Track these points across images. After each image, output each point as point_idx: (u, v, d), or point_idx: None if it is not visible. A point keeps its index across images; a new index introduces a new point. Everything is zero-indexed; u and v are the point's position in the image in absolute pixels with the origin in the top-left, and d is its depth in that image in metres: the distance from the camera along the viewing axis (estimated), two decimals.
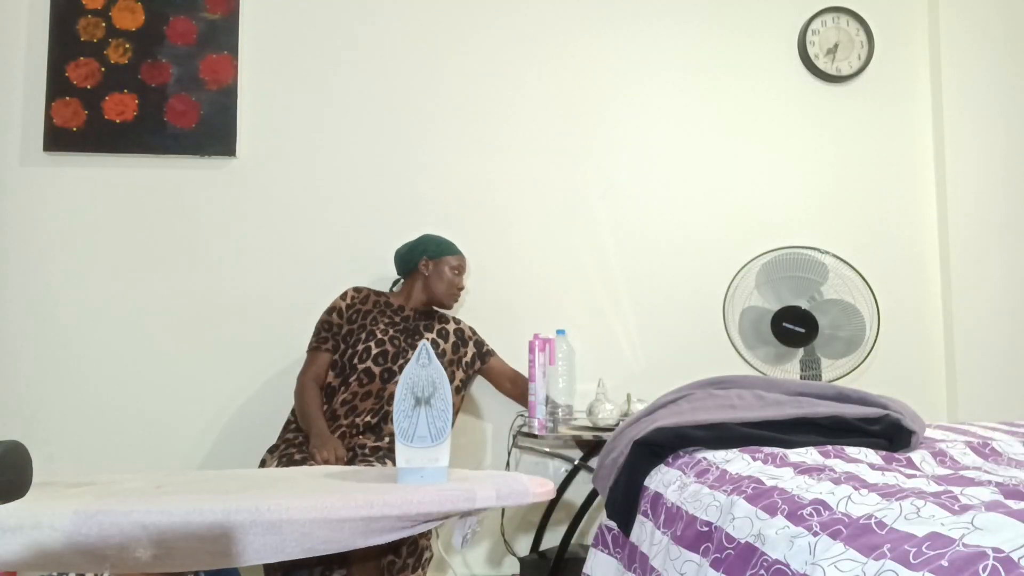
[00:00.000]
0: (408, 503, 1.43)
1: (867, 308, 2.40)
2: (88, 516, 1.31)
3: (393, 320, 2.35)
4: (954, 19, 2.92)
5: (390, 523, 1.44)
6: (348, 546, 1.44)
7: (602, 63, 2.79)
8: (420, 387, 1.56)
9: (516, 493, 1.55)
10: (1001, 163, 2.89)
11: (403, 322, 2.36)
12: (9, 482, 0.71)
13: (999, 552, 0.71)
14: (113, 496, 1.44)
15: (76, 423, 2.45)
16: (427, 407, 1.57)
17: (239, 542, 1.35)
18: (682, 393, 1.74)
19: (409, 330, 2.35)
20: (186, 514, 1.33)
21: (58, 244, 2.51)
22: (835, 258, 2.42)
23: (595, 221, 2.75)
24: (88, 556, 1.32)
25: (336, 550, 1.45)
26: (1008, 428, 1.70)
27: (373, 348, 2.25)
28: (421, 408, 1.56)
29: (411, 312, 2.40)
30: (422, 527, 1.52)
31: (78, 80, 2.51)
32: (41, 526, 1.29)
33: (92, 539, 1.30)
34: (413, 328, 2.37)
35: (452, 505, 1.48)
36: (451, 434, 1.51)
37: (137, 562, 1.35)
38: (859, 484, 1.05)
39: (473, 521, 1.56)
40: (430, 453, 1.55)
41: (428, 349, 1.55)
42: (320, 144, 2.64)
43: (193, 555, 1.36)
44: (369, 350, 2.24)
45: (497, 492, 1.53)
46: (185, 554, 1.36)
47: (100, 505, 1.35)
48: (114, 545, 1.31)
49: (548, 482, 1.63)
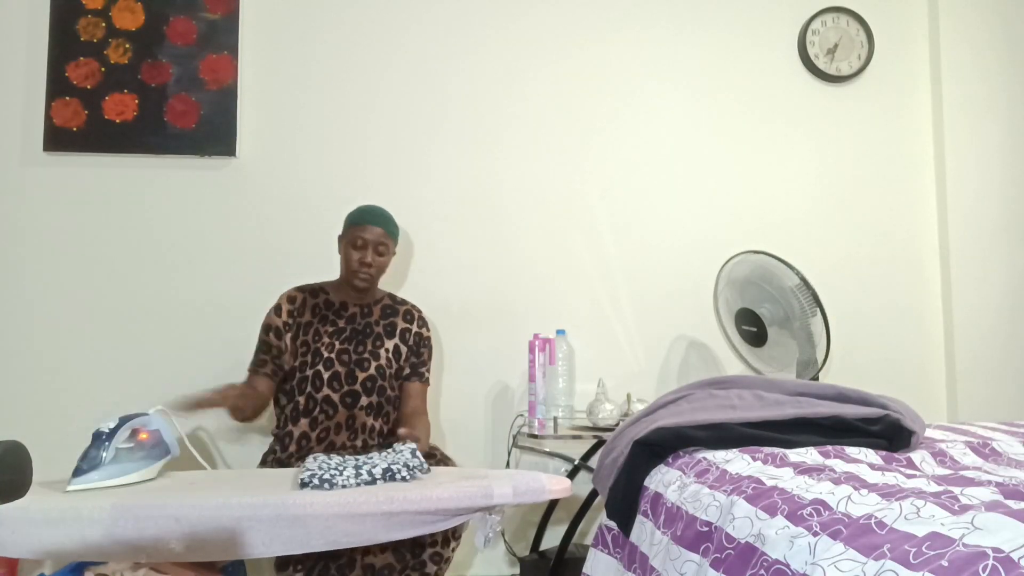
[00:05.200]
0: (427, 499, 1.48)
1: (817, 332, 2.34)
2: (125, 510, 1.40)
3: (337, 325, 2.09)
4: (954, 19, 2.92)
5: (409, 518, 1.49)
6: (370, 539, 1.48)
7: (602, 64, 2.79)
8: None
9: (533, 490, 1.58)
10: (1001, 163, 2.89)
11: (348, 324, 2.11)
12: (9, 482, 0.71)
13: (999, 552, 0.71)
14: (149, 491, 1.53)
15: (76, 423, 2.44)
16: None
17: (266, 535, 1.43)
18: (682, 393, 1.74)
19: (358, 331, 2.10)
20: (216, 508, 1.42)
21: (58, 244, 2.51)
22: (798, 281, 2.34)
23: (595, 221, 2.75)
24: (125, 547, 1.40)
25: (359, 543, 1.50)
26: (1008, 428, 1.71)
27: (323, 371, 2.04)
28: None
29: (355, 308, 2.14)
30: (442, 524, 1.54)
31: (78, 80, 2.51)
32: (82, 519, 1.39)
33: (129, 531, 1.39)
34: (363, 328, 2.11)
35: (470, 501, 1.52)
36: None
37: (171, 553, 1.44)
38: (859, 484, 1.05)
39: (495, 521, 1.58)
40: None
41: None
42: (320, 144, 2.63)
43: (223, 547, 1.43)
44: (320, 376, 2.03)
45: (514, 489, 1.56)
46: (216, 546, 1.43)
47: (136, 499, 1.44)
48: (149, 537, 1.39)
49: (565, 480, 1.64)
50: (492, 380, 2.64)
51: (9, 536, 1.37)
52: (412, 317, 2.21)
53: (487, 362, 2.63)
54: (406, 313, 2.21)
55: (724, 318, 2.55)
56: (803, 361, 2.36)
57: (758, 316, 2.39)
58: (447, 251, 2.65)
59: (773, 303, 2.37)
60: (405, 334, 2.17)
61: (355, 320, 2.13)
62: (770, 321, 2.38)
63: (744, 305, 2.43)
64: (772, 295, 2.36)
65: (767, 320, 2.38)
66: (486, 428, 2.63)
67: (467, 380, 2.61)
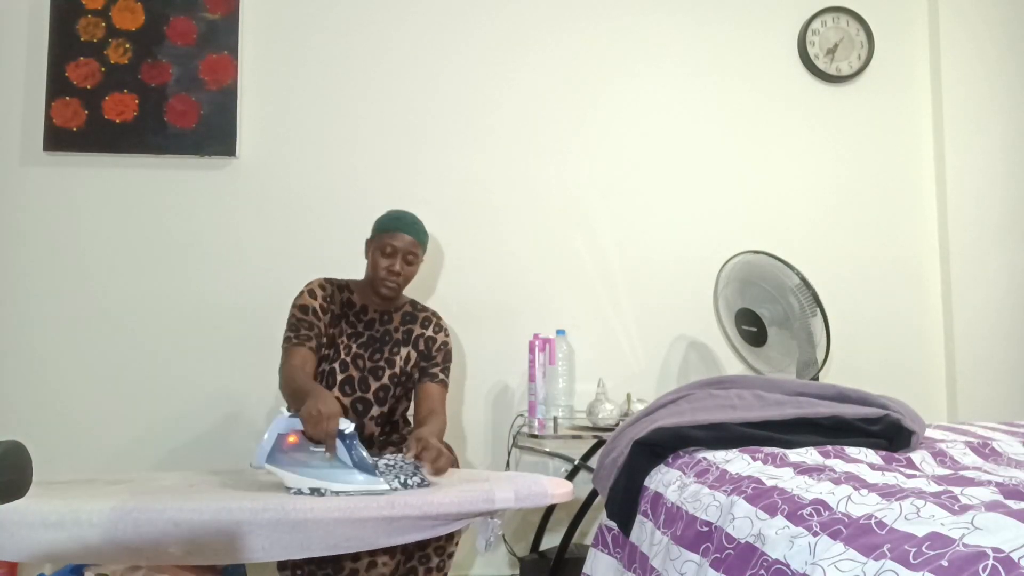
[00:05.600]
0: (428, 504, 1.46)
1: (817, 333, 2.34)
2: (124, 512, 1.39)
3: (356, 329, 2.04)
4: (954, 19, 2.92)
5: (410, 523, 1.48)
6: (371, 544, 1.47)
7: (602, 64, 2.79)
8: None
9: (535, 495, 1.57)
10: (1001, 163, 2.89)
11: (366, 329, 2.06)
12: (9, 482, 0.71)
13: (999, 552, 0.71)
14: (148, 494, 1.51)
15: (76, 423, 2.45)
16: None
17: (267, 539, 1.42)
18: (682, 393, 1.74)
19: (376, 339, 2.05)
20: (216, 512, 1.41)
21: (58, 244, 2.51)
22: (799, 281, 2.34)
23: (595, 221, 2.75)
24: (125, 550, 1.39)
25: (359, 548, 1.49)
26: (1008, 428, 1.71)
27: (338, 372, 1.98)
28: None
29: (375, 314, 2.08)
30: (443, 528, 1.54)
31: (78, 80, 2.51)
32: (81, 522, 1.37)
33: (128, 534, 1.38)
34: (381, 336, 2.06)
35: (471, 506, 1.51)
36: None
37: (170, 556, 1.43)
38: (859, 484, 1.05)
39: (496, 524, 1.57)
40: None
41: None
42: (320, 144, 2.63)
43: (222, 551, 1.42)
44: (334, 374, 1.98)
45: (516, 493, 1.55)
46: (215, 550, 1.42)
47: (136, 502, 1.43)
48: (149, 540, 1.39)
49: (567, 483, 1.64)
50: (492, 380, 2.64)
51: (8, 539, 1.36)
52: (429, 323, 2.13)
53: (487, 362, 2.63)
54: (424, 320, 2.13)
55: (724, 318, 2.55)
56: (803, 361, 2.36)
57: (758, 316, 2.39)
58: (447, 250, 2.65)
59: (773, 303, 2.37)
60: (419, 340, 2.09)
61: (373, 326, 2.07)
62: (770, 321, 2.38)
63: (744, 305, 2.43)
64: (772, 295, 2.36)
65: (767, 320, 2.38)
66: (486, 428, 2.63)
67: (467, 380, 2.61)
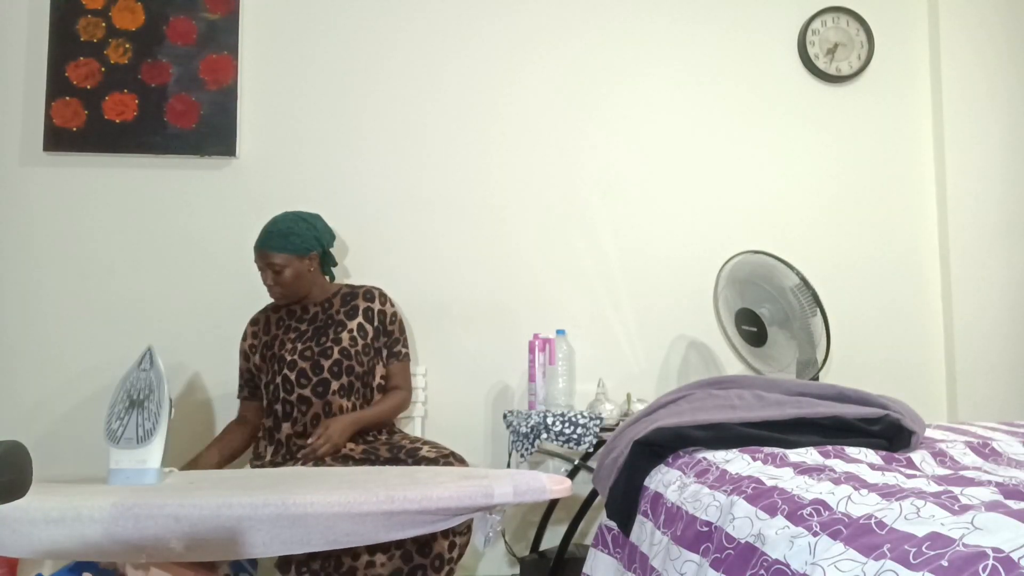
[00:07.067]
0: (427, 499, 1.47)
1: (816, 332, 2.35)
2: (125, 509, 1.39)
3: (299, 330, 2.16)
4: (954, 19, 2.92)
5: (410, 518, 1.48)
6: (371, 539, 1.48)
7: (601, 64, 2.79)
8: (137, 389, 1.59)
9: (534, 490, 1.58)
10: (1001, 163, 2.89)
11: (311, 324, 2.17)
12: (9, 482, 0.71)
13: (999, 552, 0.71)
14: (149, 490, 1.51)
15: (75, 423, 2.45)
16: (139, 409, 1.59)
17: (267, 534, 1.42)
18: (682, 393, 1.74)
19: (320, 327, 2.16)
20: (216, 508, 1.41)
21: (58, 244, 2.51)
22: (799, 281, 2.34)
23: (595, 221, 2.75)
24: (126, 546, 1.39)
25: (360, 543, 1.50)
26: (1008, 428, 1.71)
27: (289, 374, 2.09)
28: (134, 410, 1.59)
29: (316, 307, 2.20)
30: (443, 524, 1.54)
31: (78, 80, 2.51)
32: (82, 518, 1.38)
33: (129, 530, 1.38)
34: (324, 322, 2.17)
35: (470, 501, 1.51)
36: (165, 435, 1.54)
37: (171, 552, 1.43)
38: (859, 484, 1.05)
39: (495, 520, 1.57)
40: (136, 455, 1.57)
41: (152, 354, 1.60)
42: (320, 144, 2.63)
43: (224, 546, 1.42)
44: (288, 379, 2.08)
45: (515, 489, 1.55)
46: (216, 545, 1.42)
47: (136, 499, 1.43)
48: (150, 536, 1.39)
49: (566, 480, 1.64)
50: (492, 380, 2.64)
51: (9, 535, 1.36)
52: (372, 296, 2.23)
53: (487, 362, 2.63)
54: (366, 293, 2.23)
55: (724, 318, 2.55)
56: (803, 361, 2.36)
57: (758, 316, 2.39)
58: (447, 251, 2.65)
59: (773, 303, 2.37)
60: (368, 312, 2.19)
61: (316, 319, 2.18)
62: (770, 321, 2.38)
63: (744, 305, 2.43)
64: (772, 295, 2.36)
65: (767, 320, 2.38)
66: (486, 428, 2.63)
67: (467, 380, 2.61)
